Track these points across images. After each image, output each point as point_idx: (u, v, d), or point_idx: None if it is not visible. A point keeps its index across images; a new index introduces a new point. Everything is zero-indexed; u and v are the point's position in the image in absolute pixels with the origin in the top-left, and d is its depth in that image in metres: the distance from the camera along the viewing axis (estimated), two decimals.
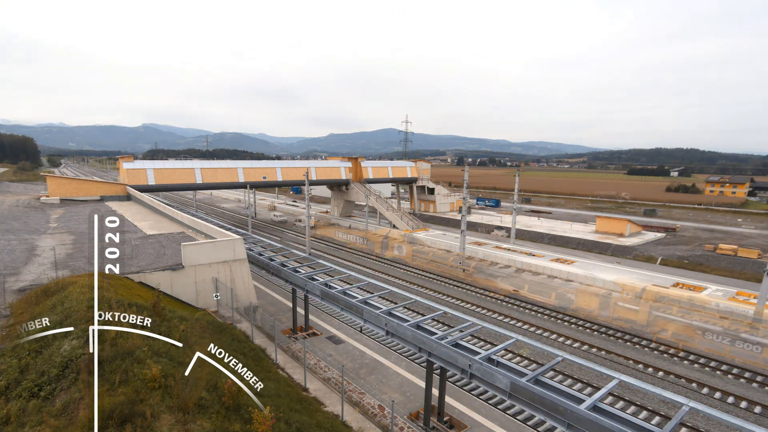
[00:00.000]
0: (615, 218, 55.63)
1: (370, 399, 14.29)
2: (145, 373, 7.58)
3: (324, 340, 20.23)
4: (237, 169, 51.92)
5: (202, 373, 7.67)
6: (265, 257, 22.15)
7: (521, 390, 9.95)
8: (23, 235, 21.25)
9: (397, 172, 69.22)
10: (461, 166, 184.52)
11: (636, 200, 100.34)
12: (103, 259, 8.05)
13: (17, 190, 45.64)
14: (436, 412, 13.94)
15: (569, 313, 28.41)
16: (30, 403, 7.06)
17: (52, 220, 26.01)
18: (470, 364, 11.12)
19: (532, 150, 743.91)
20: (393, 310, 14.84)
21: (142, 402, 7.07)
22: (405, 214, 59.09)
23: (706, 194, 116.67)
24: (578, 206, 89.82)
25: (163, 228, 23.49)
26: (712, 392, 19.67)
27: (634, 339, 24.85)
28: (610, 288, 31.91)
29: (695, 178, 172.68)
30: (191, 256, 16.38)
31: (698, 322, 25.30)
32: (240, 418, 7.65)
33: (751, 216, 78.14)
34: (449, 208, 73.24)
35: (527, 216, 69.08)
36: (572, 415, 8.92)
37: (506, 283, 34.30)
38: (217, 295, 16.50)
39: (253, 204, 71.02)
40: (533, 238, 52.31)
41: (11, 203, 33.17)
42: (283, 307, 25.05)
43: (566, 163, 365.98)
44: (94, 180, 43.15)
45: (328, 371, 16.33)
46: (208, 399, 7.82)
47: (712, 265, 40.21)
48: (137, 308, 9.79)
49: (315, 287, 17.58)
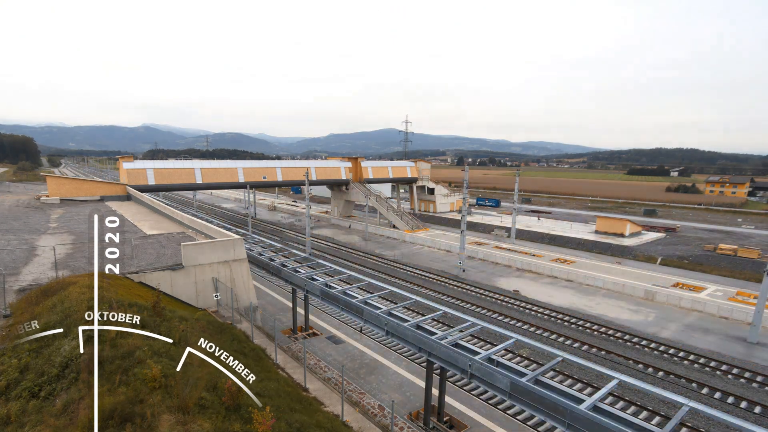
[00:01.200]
0: (615, 218, 55.65)
1: (370, 399, 14.29)
2: (146, 373, 7.57)
3: (324, 340, 20.23)
4: (237, 169, 51.93)
5: (202, 373, 7.66)
6: (265, 257, 22.16)
7: (521, 390, 9.95)
8: (23, 235, 21.25)
9: (397, 172, 69.23)
10: (461, 166, 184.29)
11: (636, 200, 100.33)
12: (103, 259, 8.05)
13: (17, 190, 45.64)
14: (436, 412, 13.94)
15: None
16: (30, 403, 7.06)
17: (52, 220, 25.99)
18: (470, 364, 11.12)
19: (532, 150, 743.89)
20: (393, 310, 14.85)
21: (142, 402, 7.07)
22: (405, 214, 59.11)
23: (706, 194, 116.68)
24: (578, 206, 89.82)
25: (163, 228, 23.48)
26: (712, 392, 19.67)
27: (634, 339, 24.86)
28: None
29: (695, 178, 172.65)
30: (191, 256, 16.38)
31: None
32: (240, 418, 7.65)
33: (751, 216, 78.14)
34: (449, 208, 73.26)
35: (527, 216, 69.08)
36: (572, 415, 8.92)
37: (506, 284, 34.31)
38: (217, 295, 16.48)
39: (253, 204, 71.00)
40: (533, 238, 52.31)
41: (11, 203, 33.16)
42: (283, 307, 25.05)
43: (566, 163, 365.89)
44: (94, 180, 43.13)
45: (328, 371, 16.34)
46: (208, 399, 7.81)
47: (712, 264, 40.23)
48: (137, 308, 9.79)
49: (315, 287, 17.58)
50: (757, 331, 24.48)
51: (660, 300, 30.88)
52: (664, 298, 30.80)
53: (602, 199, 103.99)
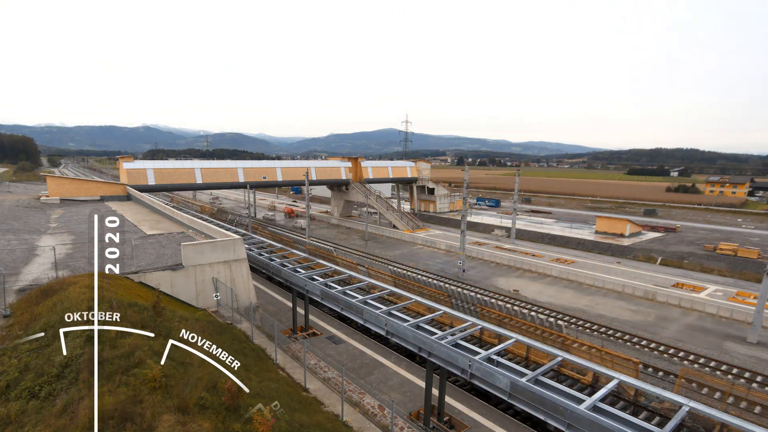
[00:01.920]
0: (615, 218, 55.63)
1: (370, 399, 14.29)
2: (146, 373, 7.58)
3: (324, 340, 20.23)
4: (237, 169, 51.92)
5: (202, 373, 7.67)
6: (265, 257, 22.16)
7: (521, 390, 9.96)
8: (23, 235, 21.25)
9: (397, 172, 69.23)
10: (461, 166, 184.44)
11: (636, 200, 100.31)
12: (103, 259, 8.06)
13: (17, 191, 45.64)
14: (436, 412, 13.94)
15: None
16: (30, 403, 7.06)
17: (52, 220, 26.00)
18: (470, 364, 11.13)
19: (532, 150, 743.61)
20: (393, 310, 14.85)
21: (142, 402, 7.07)
22: (405, 214, 59.11)
23: (706, 194, 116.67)
24: (578, 206, 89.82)
25: (163, 228, 23.49)
26: (712, 392, 19.66)
27: (634, 339, 24.85)
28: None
29: (695, 178, 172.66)
30: (191, 256, 16.37)
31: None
32: (240, 418, 7.65)
33: (751, 216, 78.15)
34: (449, 208, 73.27)
35: (527, 216, 69.09)
36: (572, 415, 8.92)
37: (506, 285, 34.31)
38: (217, 295, 16.48)
39: (253, 204, 70.99)
40: (533, 238, 52.32)
41: (11, 203, 33.17)
42: (283, 307, 25.04)
43: (566, 163, 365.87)
44: (94, 180, 43.16)
45: (328, 371, 16.33)
46: (208, 399, 7.82)
47: (713, 264, 40.23)
48: (137, 308, 9.79)
49: (315, 287, 17.58)
50: (756, 331, 24.48)
51: (660, 300, 30.88)
52: (664, 298, 30.80)
53: (602, 199, 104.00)
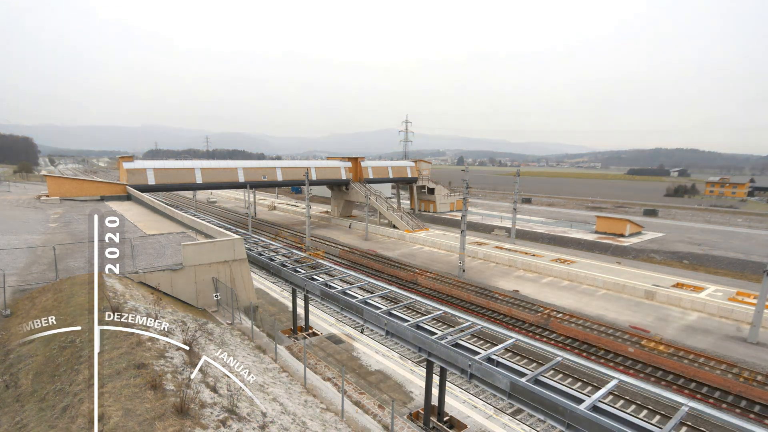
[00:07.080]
0: (615, 218, 55.60)
1: (370, 399, 14.29)
2: (146, 373, 7.58)
3: (324, 340, 20.24)
4: (237, 169, 51.90)
5: (201, 373, 7.67)
6: (265, 257, 22.15)
7: (521, 390, 9.95)
8: (23, 235, 21.24)
9: (397, 172, 69.20)
10: (461, 166, 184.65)
11: (636, 200, 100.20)
12: (103, 259, 8.05)
13: (17, 190, 45.63)
14: (436, 412, 13.94)
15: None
16: (30, 403, 7.06)
17: (51, 220, 25.99)
18: (470, 364, 11.12)
19: (532, 150, 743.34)
20: (393, 310, 14.84)
21: (141, 402, 7.07)
22: (405, 214, 59.10)
23: (706, 194, 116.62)
24: (578, 206, 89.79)
25: (163, 228, 23.49)
26: (712, 392, 19.67)
27: (634, 339, 24.84)
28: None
29: (695, 178, 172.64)
30: (191, 256, 16.38)
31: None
32: (240, 418, 7.65)
33: (751, 216, 78.13)
34: (449, 208, 73.27)
35: (528, 216, 69.04)
36: (572, 415, 8.92)
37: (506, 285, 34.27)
38: (217, 294, 16.49)
39: (253, 204, 70.97)
40: (533, 238, 52.31)
41: (11, 203, 33.16)
42: (283, 307, 25.04)
43: (566, 163, 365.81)
44: (94, 180, 43.13)
45: (328, 371, 16.33)
46: (208, 399, 7.82)
47: (712, 265, 40.22)
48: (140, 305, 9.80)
49: (315, 287, 17.57)
50: (756, 331, 24.47)
51: (660, 300, 30.87)
52: (664, 298, 30.79)
53: (602, 199, 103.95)
